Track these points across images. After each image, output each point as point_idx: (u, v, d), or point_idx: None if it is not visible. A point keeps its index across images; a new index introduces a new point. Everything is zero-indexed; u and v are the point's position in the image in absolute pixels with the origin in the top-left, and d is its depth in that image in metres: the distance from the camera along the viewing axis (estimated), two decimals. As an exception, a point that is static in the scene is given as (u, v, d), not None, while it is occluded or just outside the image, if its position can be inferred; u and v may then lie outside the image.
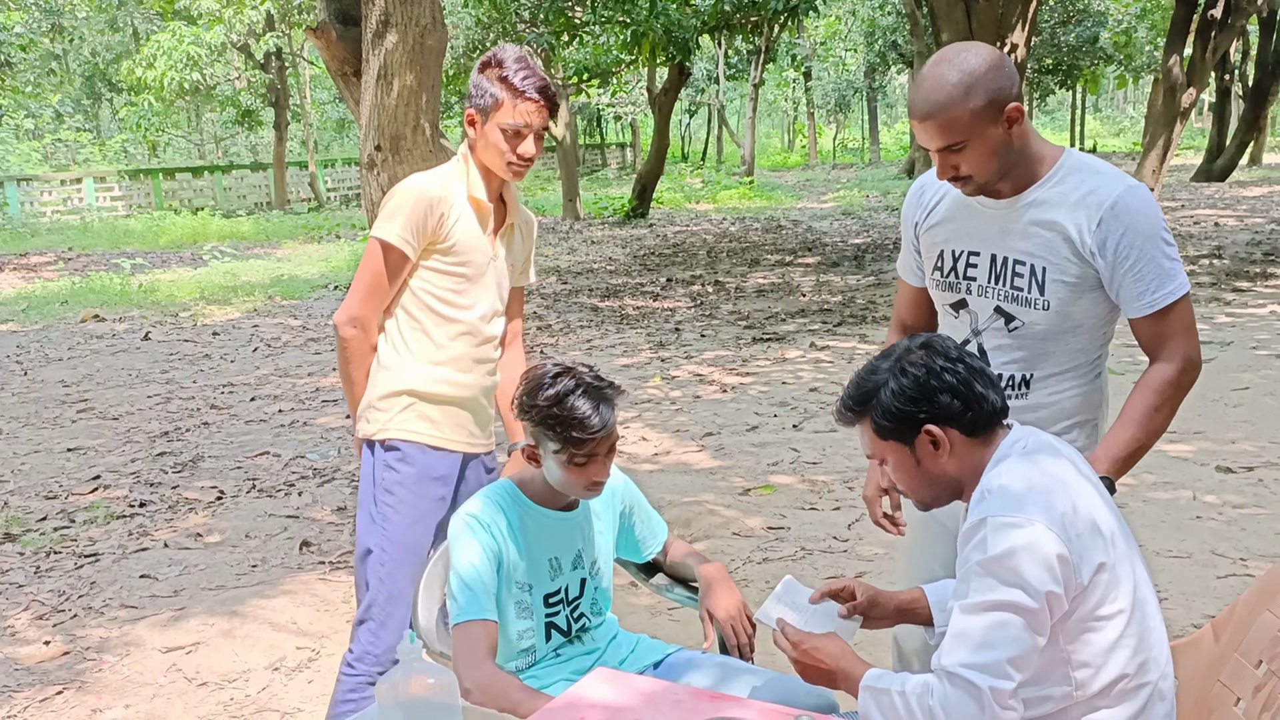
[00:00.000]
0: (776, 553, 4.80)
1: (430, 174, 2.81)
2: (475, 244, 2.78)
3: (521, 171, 2.76)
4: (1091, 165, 2.32)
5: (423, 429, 2.80)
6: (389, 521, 2.79)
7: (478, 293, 2.82)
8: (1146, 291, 2.27)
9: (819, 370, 8.37)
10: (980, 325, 2.42)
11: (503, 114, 2.67)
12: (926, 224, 2.51)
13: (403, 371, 2.79)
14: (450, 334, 2.80)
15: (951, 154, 2.22)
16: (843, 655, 2.01)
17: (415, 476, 2.79)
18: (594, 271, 14.65)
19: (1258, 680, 2.07)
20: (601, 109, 36.36)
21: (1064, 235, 2.27)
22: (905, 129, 48.01)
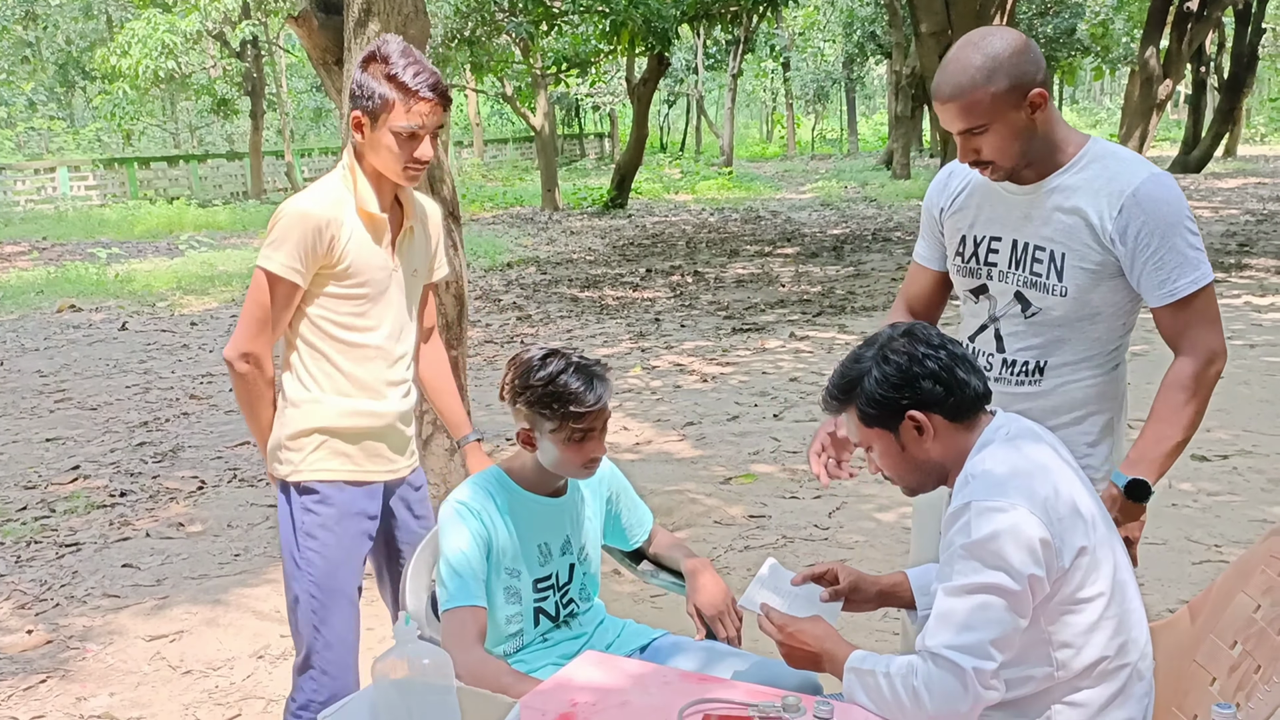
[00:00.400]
0: (758, 541, 4.84)
1: (314, 192, 2.56)
2: (372, 261, 2.57)
3: (418, 175, 2.57)
4: (1115, 153, 2.30)
5: (338, 466, 2.61)
6: (314, 567, 2.61)
7: (381, 312, 2.61)
8: (1167, 280, 2.24)
9: (799, 360, 8.41)
10: (998, 311, 2.42)
11: (395, 116, 2.45)
12: (951, 209, 2.50)
13: (312, 408, 2.59)
14: (357, 361, 2.60)
15: (973, 137, 2.22)
16: (827, 637, 2.05)
17: (336, 517, 2.61)
18: (573, 262, 14.66)
19: (1233, 660, 2.12)
20: (580, 99, 36.30)
21: (1085, 221, 2.26)
22: (883, 120, 48.12)
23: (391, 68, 2.45)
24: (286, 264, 2.48)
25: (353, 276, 2.54)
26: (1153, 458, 2.25)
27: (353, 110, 2.51)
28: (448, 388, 2.99)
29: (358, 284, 2.55)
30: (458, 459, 4.98)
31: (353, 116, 2.51)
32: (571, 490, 2.59)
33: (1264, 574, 2.14)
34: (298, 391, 2.60)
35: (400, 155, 2.49)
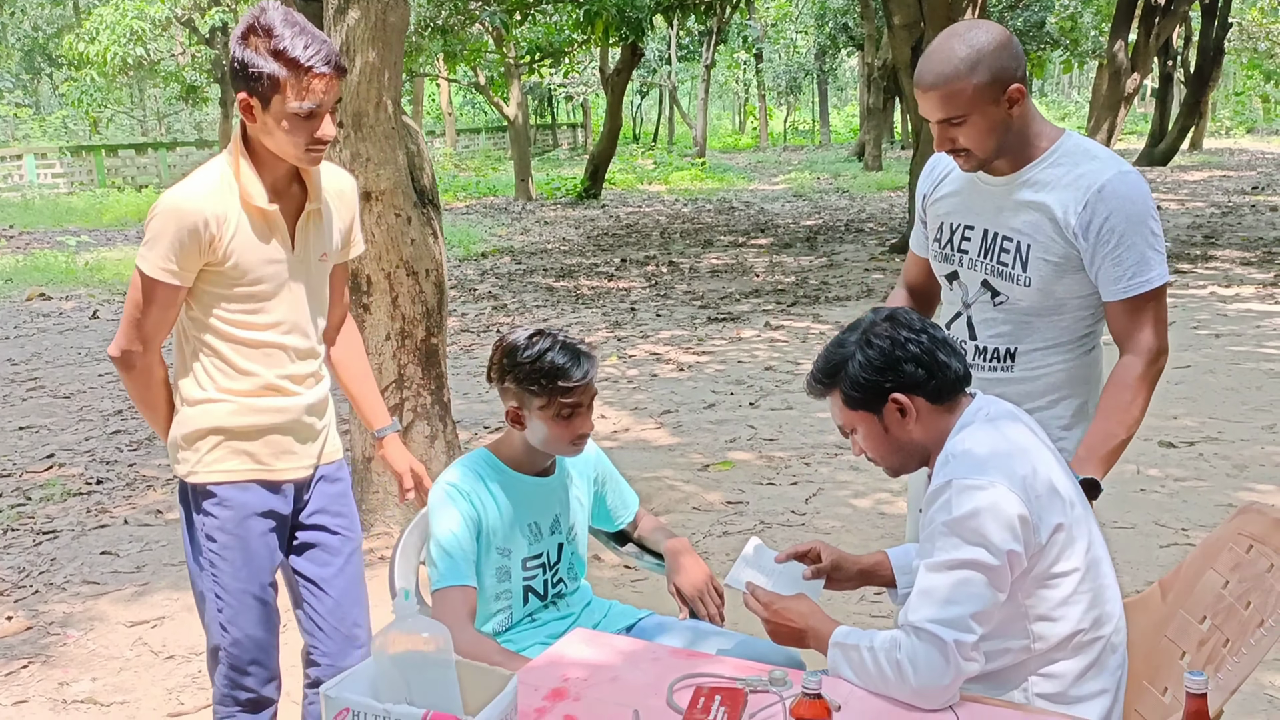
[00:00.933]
0: (736, 526, 4.90)
1: (195, 184, 2.33)
2: (262, 256, 2.36)
3: (320, 156, 2.36)
4: (1087, 149, 2.35)
5: (236, 466, 2.45)
6: (218, 569, 2.48)
7: (278, 308, 2.42)
8: (1123, 276, 2.29)
9: (774, 349, 8.47)
10: (970, 298, 2.49)
11: (289, 96, 2.22)
12: (934, 196, 2.57)
13: (207, 408, 2.43)
14: (254, 360, 2.42)
15: (951, 127, 2.28)
16: (812, 614, 2.10)
17: (235, 519, 2.46)
18: (548, 252, 14.66)
19: (1202, 635, 2.18)
20: (553, 89, 36.22)
21: (1050, 215, 2.32)
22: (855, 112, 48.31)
23: (277, 41, 2.20)
24: (160, 265, 2.29)
25: (242, 275, 2.35)
26: (1100, 455, 2.31)
27: (238, 92, 2.26)
28: (362, 373, 2.82)
29: (248, 282, 2.36)
30: (439, 445, 5.01)
31: (239, 100, 2.27)
32: (560, 470, 2.64)
33: (1232, 551, 2.21)
34: (193, 391, 2.44)
35: (298, 138, 2.27)
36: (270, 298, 2.41)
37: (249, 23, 2.24)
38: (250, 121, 2.30)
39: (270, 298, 2.41)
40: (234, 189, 2.33)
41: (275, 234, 2.39)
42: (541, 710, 1.87)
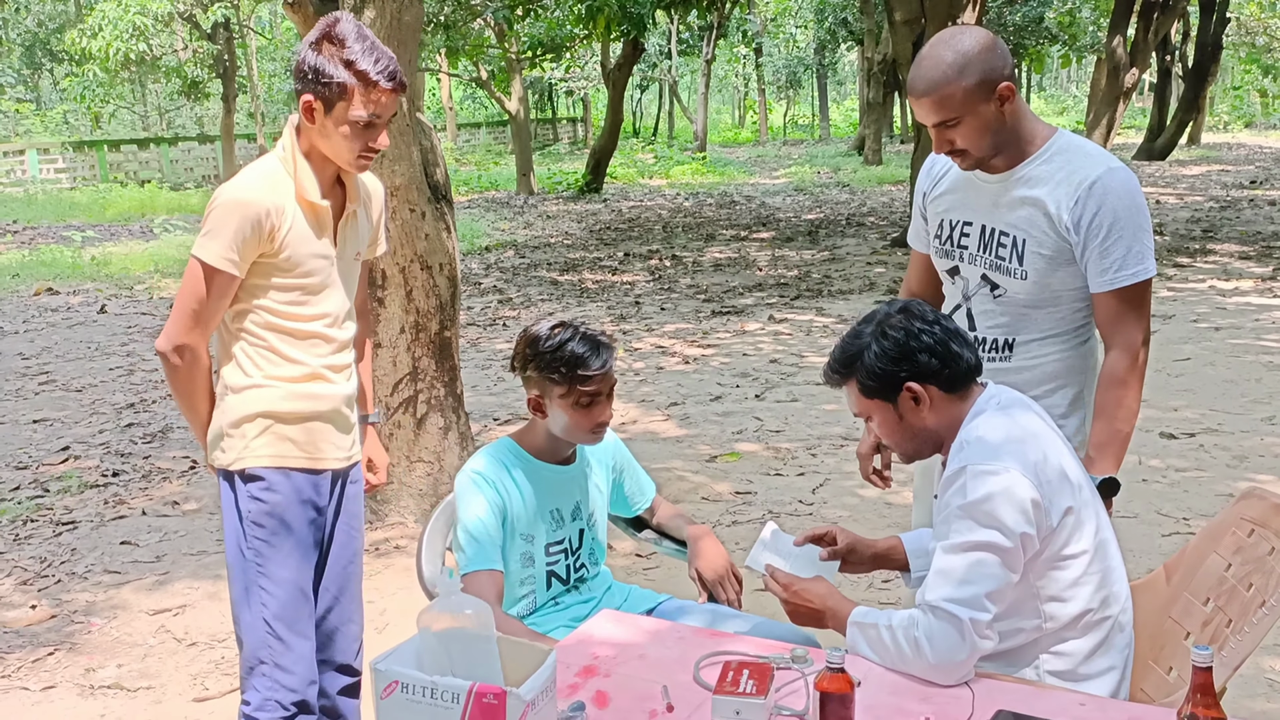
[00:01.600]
0: (745, 516, 4.98)
1: (252, 177, 2.44)
2: (313, 250, 2.47)
3: (369, 164, 2.50)
4: (1080, 146, 2.45)
5: (285, 451, 2.51)
6: (265, 557, 2.50)
7: (323, 301, 2.53)
8: (1110, 268, 2.38)
9: (778, 342, 8.56)
10: (970, 291, 2.58)
11: (353, 104, 2.35)
12: (933, 194, 2.67)
13: (254, 393, 2.49)
14: (300, 349, 2.51)
15: (947, 129, 2.37)
16: (830, 595, 2.18)
17: (284, 504, 2.51)
18: (551, 246, 14.74)
19: (1205, 616, 2.27)
20: (553, 84, 36.27)
21: (1044, 210, 2.41)
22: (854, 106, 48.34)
23: (348, 52, 2.34)
24: (223, 255, 2.37)
25: (294, 267, 2.45)
26: (1111, 452, 2.41)
27: (303, 94, 2.38)
28: (362, 359, 2.87)
29: (299, 275, 2.46)
30: (452, 437, 5.10)
31: (304, 101, 2.39)
32: (580, 458, 2.72)
33: (1234, 535, 2.30)
34: (238, 378, 2.50)
35: (355, 144, 2.41)
36: (318, 291, 2.51)
37: (324, 30, 2.38)
38: (310, 122, 2.42)
39: (318, 291, 2.51)
40: (288, 184, 2.44)
41: (324, 230, 2.51)
42: (575, 686, 1.96)
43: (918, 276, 2.84)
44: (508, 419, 6.74)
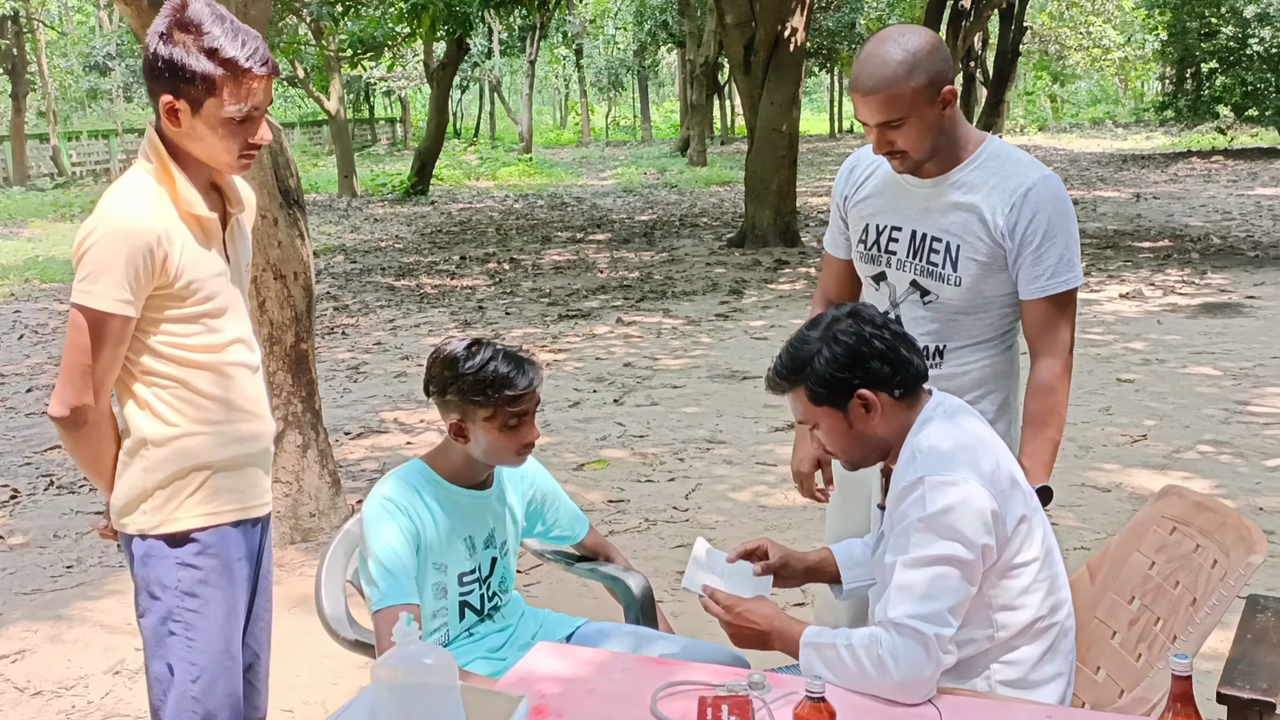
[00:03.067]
0: (621, 525, 4.90)
1: (126, 201, 2.10)
2: (209, 270, 2.19)
3: (251, 162, 2.20)
4: (1010, 153, 2.45)
5: (222, 505, 2.25)
6: (197, 630, 2.22)
7: (230, 324, 2.25)
8: (1043, 275, 2.39)
9: (630, 345, 8.51)
10: (898, 298, 2.54)
11: (225, 99, 2.06)
12: (855, 198, 2.61)
13: (185, 444, 2.20)
14: (221, 383, 2.23)
15: (890, 130, 2.33)
16: (775, 616, 2.12)
17: (220, 568, 2.25)
18: (383, 250, 14.34)
19: (1132, 614, 2.31)
20: (371, 83, 35.41)
21: (979, 216, 2.40)
22: (674, 107, 48.92)
23: (209, 39, 2.03)
24: (114, 296, 2.05)
25: (193, 293, 2.16)
26: (1045, 461, 2.42)
27: (161, 94, 2.07)
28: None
29: (200, 300, 2.17)
30: (311, 455, 4.84)
31: (163, 103, 2.07)
32: (495, 484, 2.58)
33: (1156, 534, 2.35)
34: (158, 429, 2.18)
35: (233, 143, 2.11)
36: (222, 314, 2.23)
37: (173, 18, 2.06)
38: (175, 126, 2.11)
39: (222, 314, 2.23)
40: (167, 200, 2.14)
41: (214, 244, 2.23)
42: (529, 729, 1.83)
43: (835, 283, 2.80)
44: (359, 432, 6.47)
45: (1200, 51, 23.97)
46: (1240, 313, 8.74)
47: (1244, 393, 6.52)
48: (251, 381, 2.31)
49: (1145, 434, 5.87)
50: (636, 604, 2.73)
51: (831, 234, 2.77)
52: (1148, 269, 10.94)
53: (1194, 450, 5.59)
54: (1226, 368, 7.09)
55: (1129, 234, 13.52)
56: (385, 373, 7.94)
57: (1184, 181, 19.12)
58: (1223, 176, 19.56)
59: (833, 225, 2.76)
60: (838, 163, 27.52)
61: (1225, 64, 23.78)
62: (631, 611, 2.74)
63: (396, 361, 8.26)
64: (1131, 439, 5.82)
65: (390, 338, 9.09)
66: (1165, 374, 6.99)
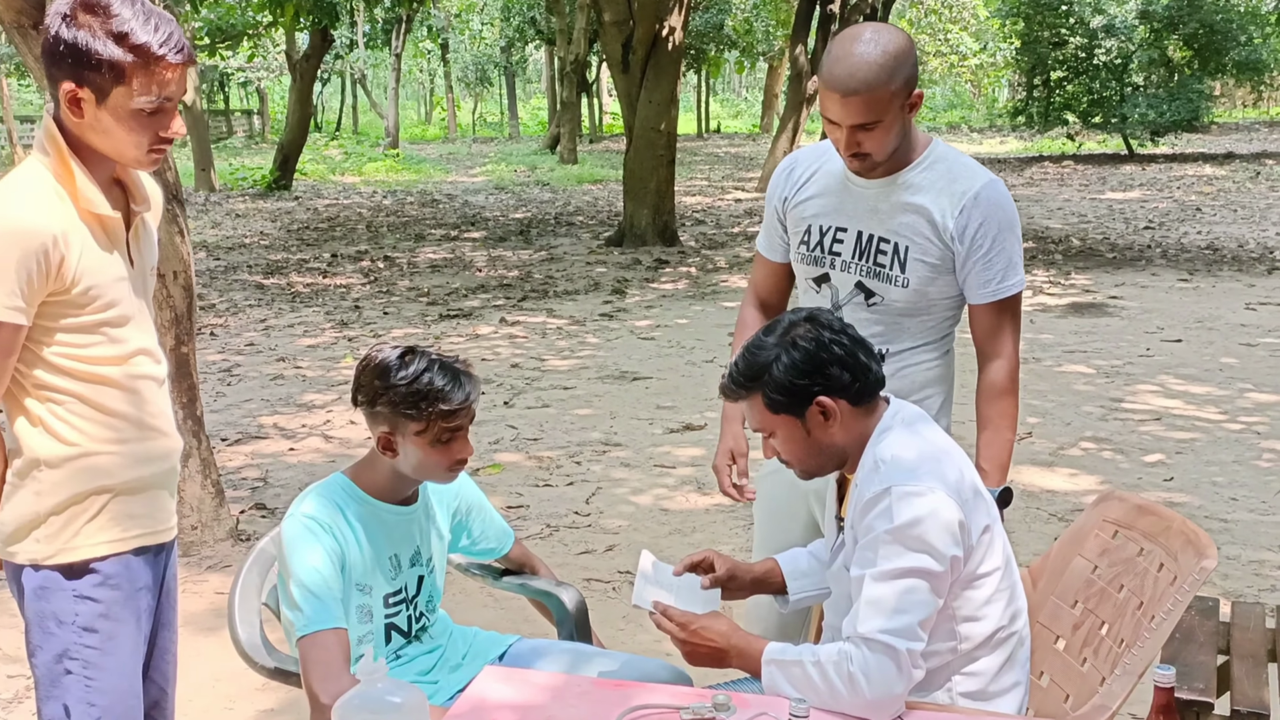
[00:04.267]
0: (523, 531, 4.77)
1: (19, 197, 1.92)
2: (111, 275, 2.00)
3: (162, 158, 2.04)
4: (956, 156, 2.44)
5: (125, 530, 2.07)
6: (98, 668, 2.04)
7: (133, 333, 2.06)
8: (993, 280, 2.39)
9: (515, 346, 8.37)
10: (841, 300, 2.50)
11: (135, 89, 1.88)
12: (796, 199, 2.55)
13: (83, 465, 2.00)
14: (123, 397, 2.04)
15: (861, 131, 2.28)
16: (733, 633, 2.04)
17: (122, 599, 2.06)
18: (247, 247, 13.83)
19: (1075, 619, 2.31)
20: (229, 73, 34.24)
21: (928, 218, 2.37)
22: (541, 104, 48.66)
23: (118, 22, 1.86)
24: (3, 304, 1.88)
25: (92, 300, 1.97)
26: (1002, 463, 2.43)
27: (62, 81, 1.88)
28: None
29: (100, 307, 1.98)
30: (194, 464, 4.59)
31: (65, 91, 1.88)
32: (421, 499, 2.45)
33: (1097, 538, 2.36)
34: (54, 449, 1.99)
35: (142, 137, 1.93)
36: (125, 323, 2.04)
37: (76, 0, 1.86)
38: (76, 117, 1.92)
39: (125, 323, 2.04)
40: (65, 198, 1.94)
41: (116, 247, 2.04)
42: (490, 764, 1.72)
43: (767, 284, 2.74)
44: (237, 439, 6.18)
45: (1051, 60, 24.92)
46: (1106, 313, 9.08)
47: (1118, 390, 6.76)
48: (157, 396, 2.13)
49: (1030, 432, 6.02)
50: (571, 619, 2.63)
51: (767, 237, 2.71)
52: (1014, 270, 11.29)
53: (1077, 447, 5.75)
54: (1099, 366, 7.34)
55: (993, 235, 13.94)
56: (260, 375, 7.62)
57: (1039, 185, 19.85)
58: (1074, 180, 20.38)
59: (767, 227, 2.70)
60: (707, 162, 27.82)
61: (1073, 72, 24.79)
62: (565, 627, 2.64)
63: (271, 363, 7.94)
64: (1018, 437, 5.95)
65: (263, 338, 8.75)
66: (1043, 372, 7.19)
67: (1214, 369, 7.16)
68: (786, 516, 2.66)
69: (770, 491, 2.71)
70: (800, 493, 2.54)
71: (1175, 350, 7.68)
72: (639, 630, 3.84)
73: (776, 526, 2.69)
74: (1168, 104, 23.00)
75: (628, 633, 3.88)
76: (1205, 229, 13.61)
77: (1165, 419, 6.14)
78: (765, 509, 2.74)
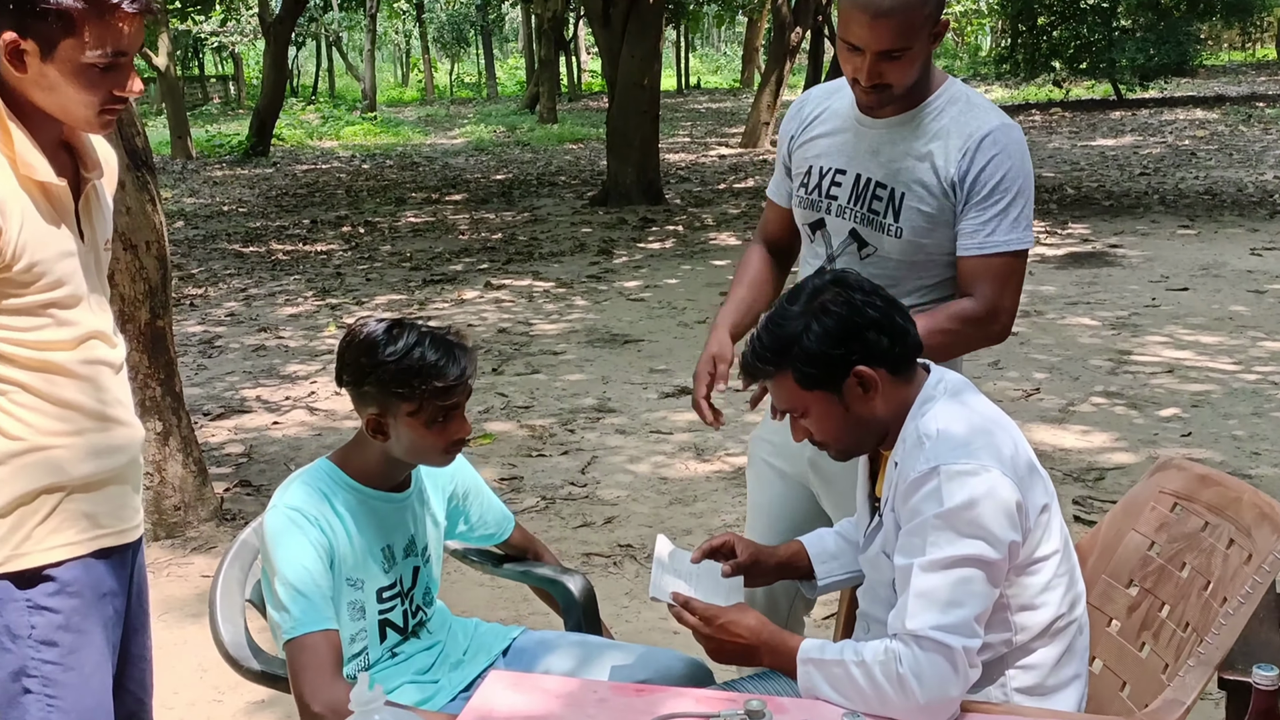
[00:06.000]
0: (518, 505, 4.58)
1: None
2: (57, 249, 1.80)
3: (115, 120, 1.84)
4: (970, 98, 2.23)
5: (81, 532, 1.87)
6: (59, 685, 1.85)
7: (84, 314, 1.86)
8: (982, 230, 2.16)
9: (502, 310, 8.14)
10: (835, 251, 2.32)
11: (86, 41, 1.69)
12: (802, 138, 2.38)
13: (29, 461, 1.81)
14: (72, 385, 1.84)
15: (888, 60, 2.07)
16: (763, 629, 1.85)
17: (83, 607, 1.87)
18: (225, 215, 13.52)
19: (1131, 600, 2.12)
20: (202, 38, 33.60)
21: (931, 163, 2.18)
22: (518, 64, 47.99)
23: None
24: None
25: (35, 279, 1.77)
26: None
27: (3, 32, 1.69)
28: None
29: (44, 288, 1.79)
30: (174, 443, 4.38)
31: (7, 42, 1.69)
32: (414, 484, 2.25)
33: (1155, 510, 2.16)
34: None
35: (93, 95, 1.74)
36: (75, 304, 1.83)
37: None
38: (18, 71, 1.71)
39: (75, 304, 1.83)
40: (3, 164, 1.74)
41: (64, 219, 1.82)
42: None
43: (777, 227, 2.54)
44: (220, 413, 5.96)
45: (1036, 5, 24.57)
46: (1106, 262, 8.89)
47: (1125, 342, 6.58)
48: (114, 383, 1.93)
49: (1038, 388, 5.84)
50: (578, 608, 2.44)
51: (776, 180, 2.53)
52: (1009, 220, 11.08)
53: (1088, 403, 5.58)
54: (1104, 318, 7.16)
55: (985, 186, 13.73)
56: (242, 346, 7.38)
57: (1029, 134, 19.60)
58: (1063, 128, 20.14)
59: (778, 170, 2.51)
60: (689, 118, 27.43)
61: (1060, 17, 24.45)
62: (572, 616, 2.45)
63: (253, 334, 7.70)
64: (1025, 393, 5.78)
65: (244, 309, 8.49)
66: (1047, 326, 7.00)
67: (1224, 317, 6.98)
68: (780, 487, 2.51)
69: (763, 459, 2.54)
70: (795, 460, 2.38)
71: (1182, 299, 7.51)
72: (644, 608, 3.66)
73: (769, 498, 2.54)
74: (1156, 47, 22.71)
75: (632, 609, 3.70)
76: (1202, 174, 13.42)
77: (1178, 371, 5.97)
78: (758, 479, 2.57)
